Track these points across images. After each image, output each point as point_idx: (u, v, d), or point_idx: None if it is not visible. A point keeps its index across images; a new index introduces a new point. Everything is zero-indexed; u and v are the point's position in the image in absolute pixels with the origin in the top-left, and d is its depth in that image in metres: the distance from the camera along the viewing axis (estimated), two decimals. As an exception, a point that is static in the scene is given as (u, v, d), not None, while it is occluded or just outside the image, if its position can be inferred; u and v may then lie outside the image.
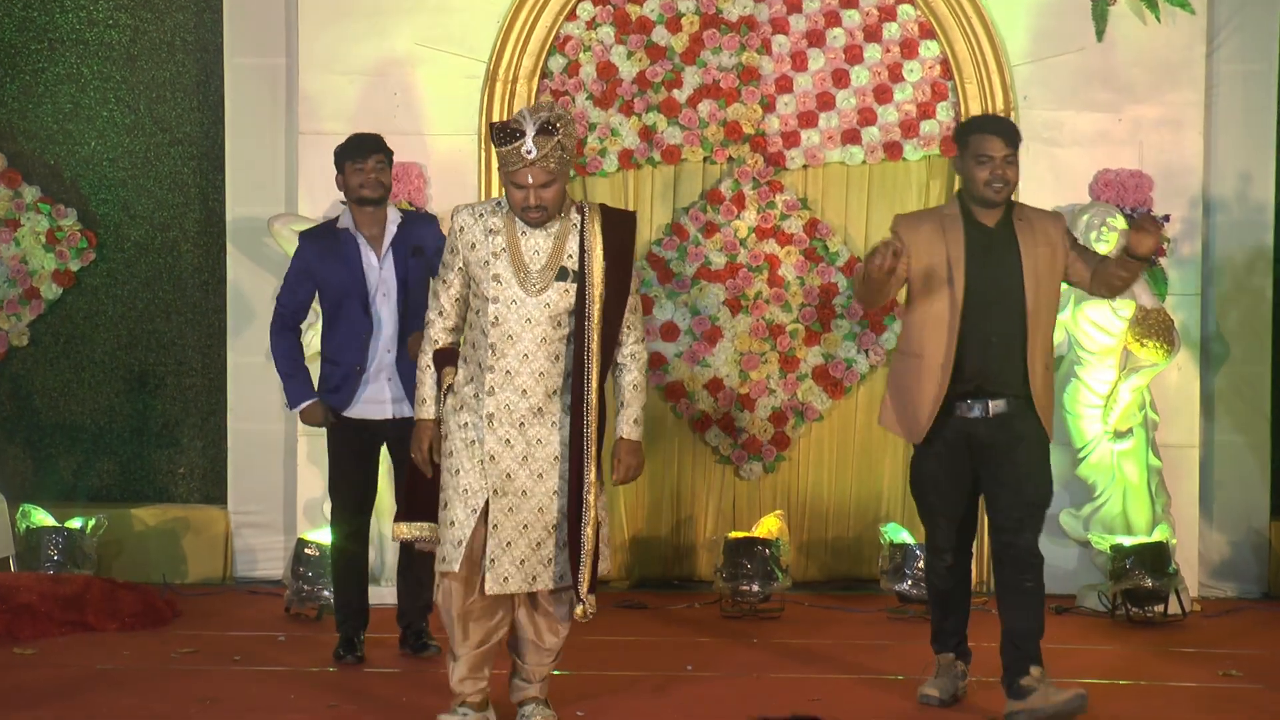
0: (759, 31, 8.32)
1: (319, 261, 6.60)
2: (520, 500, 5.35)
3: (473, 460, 5.35)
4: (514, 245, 5.35)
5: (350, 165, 6.59)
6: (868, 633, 7.43)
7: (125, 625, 7.34)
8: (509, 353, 5.33)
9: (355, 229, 6.60)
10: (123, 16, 8.70)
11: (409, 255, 6.55)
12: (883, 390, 8.35)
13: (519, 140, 5.24)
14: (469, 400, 5.39)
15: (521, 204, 5.31)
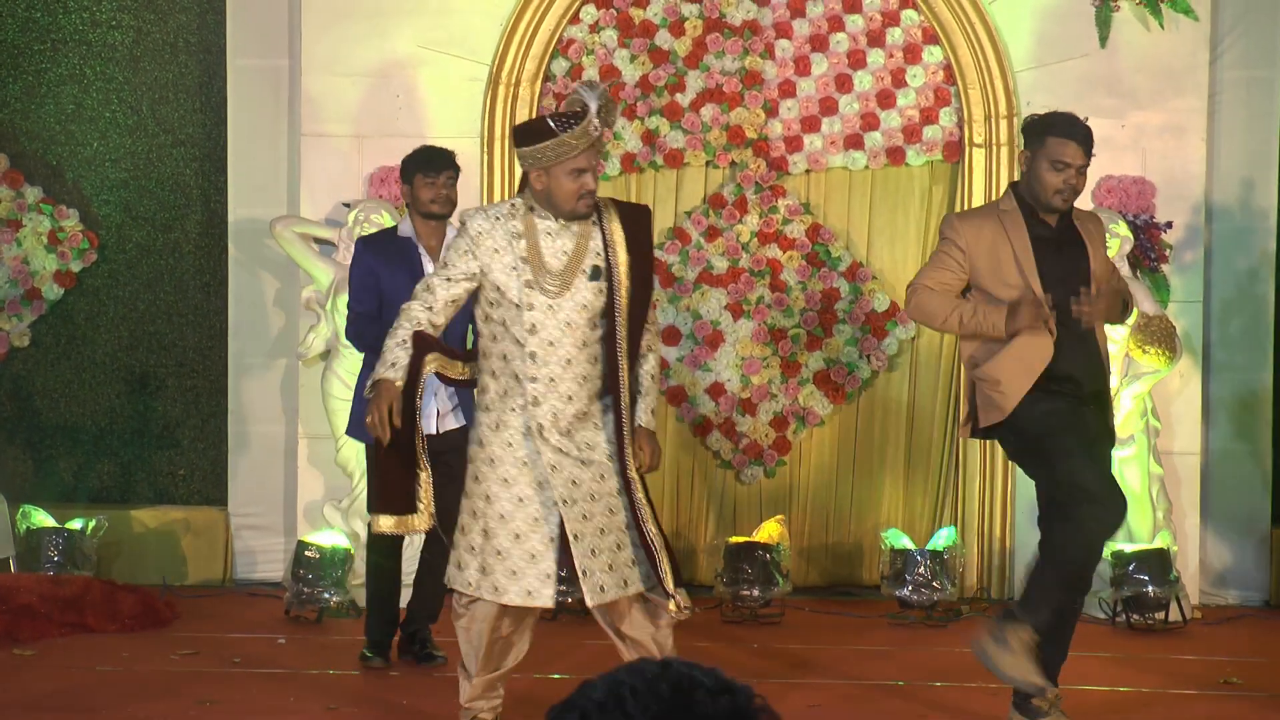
0: (762, 36, 8.34)
1: (379, 264, 6.53)
2: (591, 505, 5.21)
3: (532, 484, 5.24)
4: (535, 250, 5.25)
5: (421, 179, 6.55)
6: (868, 638, 7.44)
7: (125, 627, 7.35)
8: (551, 359, 5.22)
9: (416, 238, 6.58)
10: (126, 18, 8.71)
11: None
12: (884, 395, 8.45)
13: (584, 120, 5.18)
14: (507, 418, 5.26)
15: (579, 192, 5.20)
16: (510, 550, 5.22)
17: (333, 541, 7.72)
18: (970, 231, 5.60)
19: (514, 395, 5.25)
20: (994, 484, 8.24)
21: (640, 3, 8.34)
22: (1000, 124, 8.19)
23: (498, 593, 5.23)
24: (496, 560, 5.23)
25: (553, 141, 5.16)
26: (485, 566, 5.24)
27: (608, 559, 5.21)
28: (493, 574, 5.23)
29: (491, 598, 5.24)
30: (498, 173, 8.22)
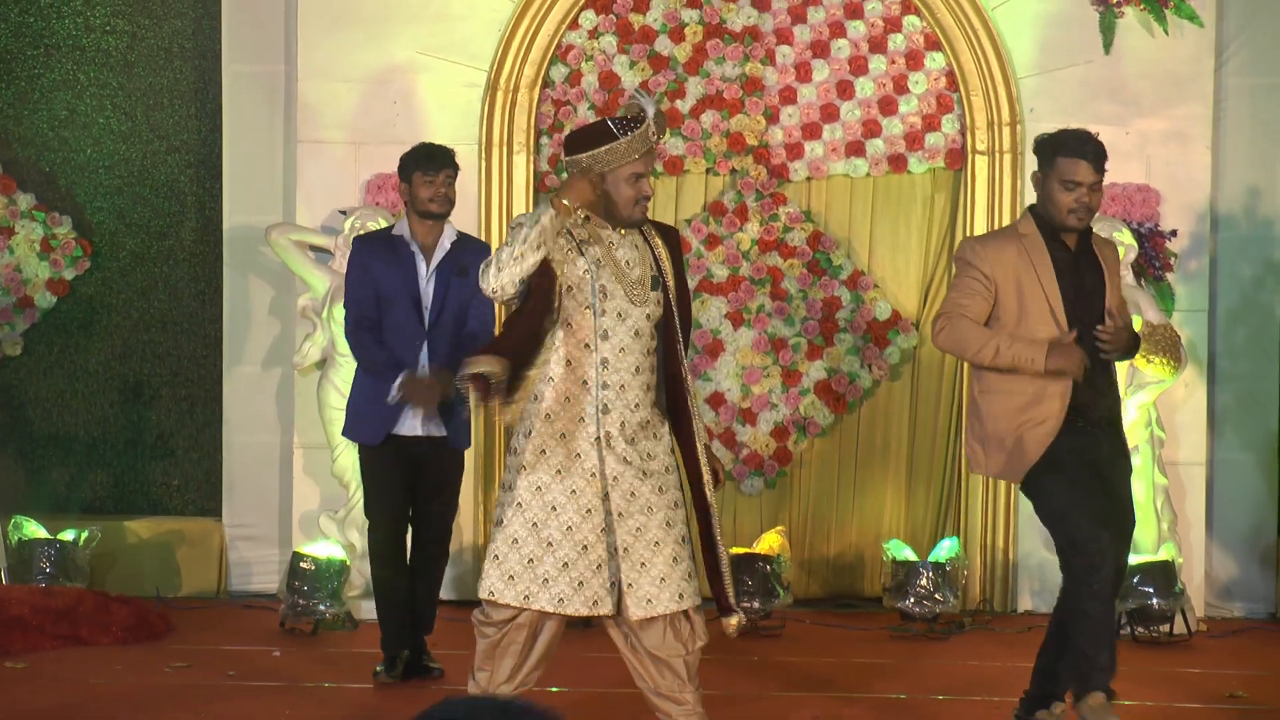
0: (763, 42, 8.34)
1: (374, 261, 6.54)
2: (647, 518, 5.21)
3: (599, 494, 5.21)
4: (610, 256, 5.27)
5: (420, 177, 6.54)
6: (870, 651, 7.43)
7: (118, 639, 7.34)
8: (621, 367, 5.24)
9: (411, 237, 6.58)
10: (120, 23, 8.72)
11: (455, 274, 6.52)
12: (886, 405, 8.43)
13: (643, 124, 5.21)
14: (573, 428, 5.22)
15: (636, 197, 5.23)
16: (577, 561, 5.21)
17: (328, 553, 7.71)
18: (992, 255, 5.57)
19: (579, 402, 5.25)
20: (997, 494, 8.23)
21: (640, 8, 8.34)
22: (1003, 131, 8.19)
23: (561, 604, 5.20)
24: (561, 572, 5.20)
25: (614, 145, 5.20)
26: (547, 577, 5.20)
27: (660, 572, 5.22)
28: (554, 585, 5.20)
29: (554, 609, 5.21)
30: (496, 179, 8.22)
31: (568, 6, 8.28)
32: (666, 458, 5.32)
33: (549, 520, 5.22)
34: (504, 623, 5.29)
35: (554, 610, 5.21)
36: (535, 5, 8.24)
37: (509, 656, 5.31)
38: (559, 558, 5.20)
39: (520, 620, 5.28)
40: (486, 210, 8.19)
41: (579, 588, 5.20)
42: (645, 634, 5.29)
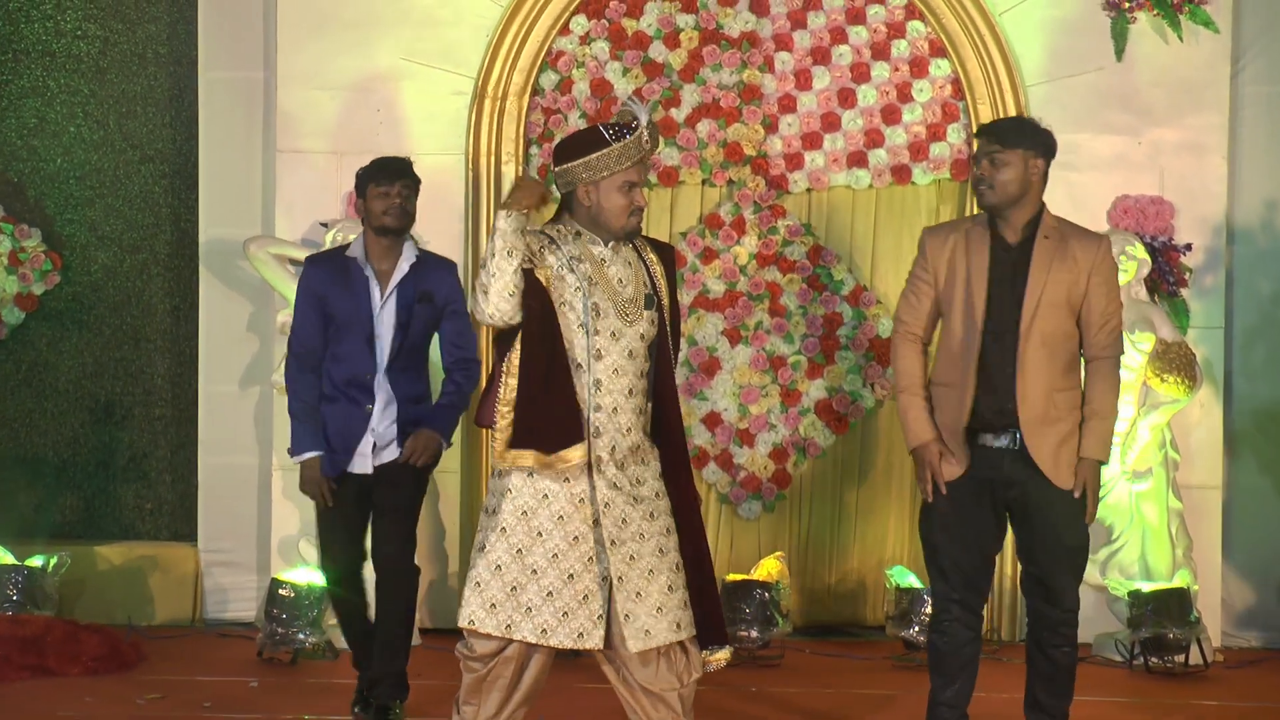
0: (761, 48, 8.31)
1: (325, 287, 6.37)
2: (640, 545, 5.17)
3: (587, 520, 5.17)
4: (601, 273, 5.23)
5: (374, 189, 6.35)
6: (872, 681, 7.40)
7: (88, 669, 7.29)
8: (614, 389, 5.20)
9: (366, 259, 6.38)
10: (92, 27, 8.69)
11: (416, 299, 6.35)
12: (889, 425, 8.38)
13: (636, 131, 5.18)
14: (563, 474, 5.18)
15: (629, 208, 5.21)
16: (562, 590, 5.15)
17: (308, 579, 7.68)
18: (935, 244, 5.72)
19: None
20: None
21: (633, 13, 8.31)
22: (1011, 141, 8.14)
23: (545, 635, 5.14)
24: (545, 601, 5.14)
25: (606, 151, 5.17)
26: (530, 606, 5.14)
27: (656, 602, 5.16)
28: (538, 614, 5.13)
29: (537, 640, 5.14)
30: (484, 190, 8.18)
31: (558, 11, 8.26)
32: (655, 483, 5.26)
33: (534, 546, 5.15)
34: (490, 656, 5.23)
35: (536, 641, 5.15)
36: (525, 10, 8.22)
37: (496, 690, 5.25)
38: (543, 586, 5.14)
39: (508, 653, 5.22)
40: (474, 223, 8.15)
41: (564, 618, 5.13)
42: (638, 667, 5.23)
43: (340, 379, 6.33)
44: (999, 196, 5.60)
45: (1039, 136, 5.68)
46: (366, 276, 6.35)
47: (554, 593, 5.13)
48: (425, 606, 8.18)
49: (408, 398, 6.33)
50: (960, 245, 5.64)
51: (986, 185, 5.60)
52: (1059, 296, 5.57)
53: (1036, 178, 5.64)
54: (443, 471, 8.15)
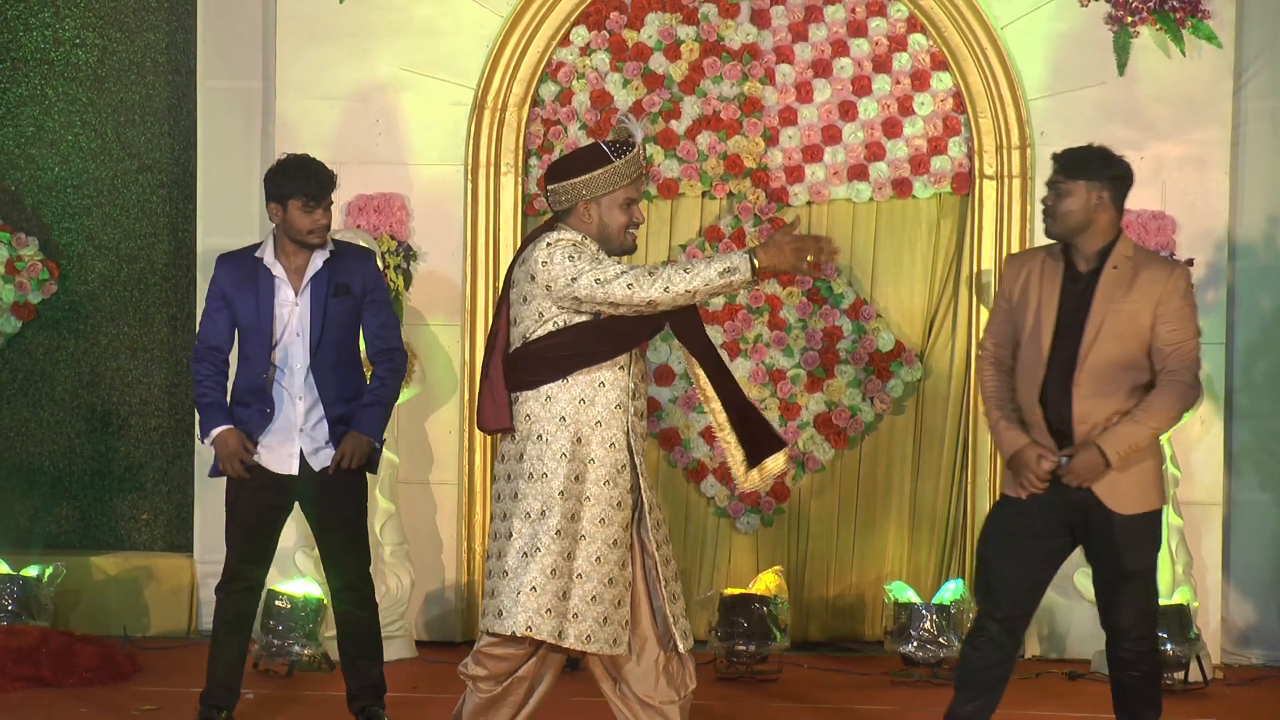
0: (762, 60, 8.34)
1: (233, 288, 6.33)
2: (669, 549, 5.35)
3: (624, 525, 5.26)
4: None
5: (296, 203, 6.28)
6: (870, 697, 7.41)
7: (83, 680, 7.32)
8: (640, 392, 5.38)
9: (275, 258, 6.33)
10: (90, 36, 8.71)
11: (331, 294, 6.32)
12: (888, 440, 8.43)
13: (634, 148, 5.27)
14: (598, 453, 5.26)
15: (629, 224, 5.31)
16: (603, 595, 5.20)
17: (304, 590, 7.69)
18: (1011, 271, 5.82)
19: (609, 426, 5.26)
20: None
21: (634, 24, 8.34)
22: (1012, 155, 8.19)
23: (589, 641, 5.18)
24: (589, 606, 5.18)
25: (609, 169, 5.25)
26: (577, 612, 5.17)
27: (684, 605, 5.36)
28: (583, 620, 5.17)
29: (581, 647, 5.18)
30: (482, 202, 8.21)
31: (559, 22, 8.29)
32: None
33: (577, 550, 5.20)
34: (504, 675, 5.25)
35: (580, 649, 5.17)
36: (525, 21, 8.24)
37: (506, 708, 5.29)
38: (587, 591, 5.18)
39: (522, 673, 5.26)
40: (472, 234, 8.18)
41: (603, 624, 5.18)
42: (637, 681, 5.27)
43: (245, 384, 6.33)
44: (1061, 226, 5.67)
45: (1107, 168, 5.71)
46: (274, 278, 6.30)
47: (596, 597, 5.18)
48: (421, 619, 8.23)
49: (338, 397, 6.31)
50: (1035, 273, 5.71)
51: (1049, 214, 5.69)
52: (1121, 326, 5.59)
53: (1103, 209, 5.67)
54: (440, 483, 8.23)
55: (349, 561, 6.43)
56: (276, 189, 6.32)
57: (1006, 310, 5.78)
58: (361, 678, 6.47)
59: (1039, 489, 5.62)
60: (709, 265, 5.09)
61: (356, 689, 6.49)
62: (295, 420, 6.31)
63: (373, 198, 8.12)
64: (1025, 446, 5.63)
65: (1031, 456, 5.61)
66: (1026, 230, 8.16)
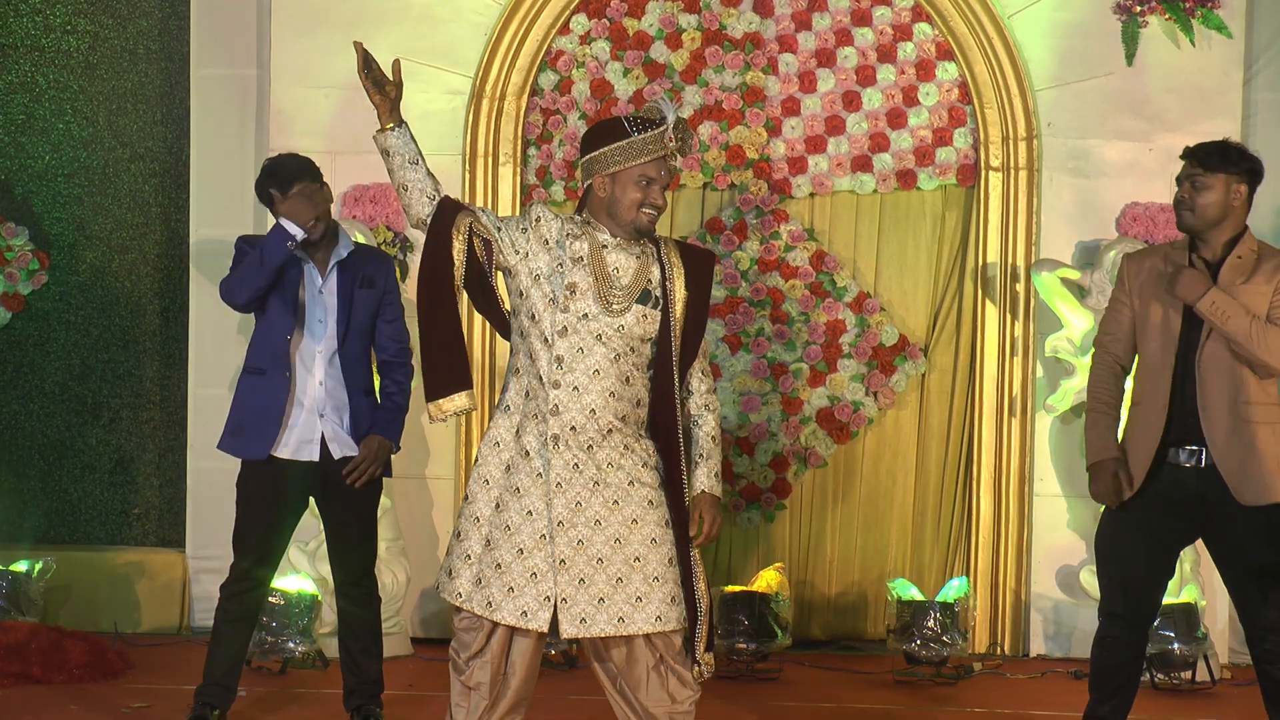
0: (765, 50, 8.36)
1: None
2: (592, 531, 5.17)
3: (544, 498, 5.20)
4: (597, 257, 5.26)
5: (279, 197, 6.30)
6: (873, 696, 7.43)
7: (73, 677, 7.30)
8: (578, 367, 5.21)
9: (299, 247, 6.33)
10: (82, 22, 8.72)
11: (357, 284, 6.36)
12: (892, 435, 8.44)
13: (660, 127, 5.23)
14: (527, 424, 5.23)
15: (641, 202, 5.23)
16: (511, 565, 5.18)
17: (298, 587, 7.70)
18: (1132, 268, 5.89)
19: (536, 398, 5.25)
20: (1008, 532, 8.23)
21: (635, 13, 8.35)
22: (1019, 146, 8.20)
23: (490, 608, 5.17)
24: (495, 573, 5.18)
25: (625, 142, 5.22)
26: (481, 578, 5.20)
27: (599, 591, 5.15)
28: (488, 587, 5.18)
29: (483, 613, 5.17)
30: (480, 191, 8.22)
31: (558, 10, 8.30)
32: (638, 471, 5.23)
33: (493, 517, 5.22)
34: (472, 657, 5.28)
35: (483, 613, 5.17)
36: (524, 8, 8.26)
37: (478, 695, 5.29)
38: (495, 558, 5.18)
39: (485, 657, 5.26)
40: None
41: (509, 593, 5.15)
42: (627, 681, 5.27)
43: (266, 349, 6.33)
44: (1198, 220, 5.75)
45: (1244, 162, 5.83)
46: (301, 260, 6.33)
47: (503, 566, 5.16)
48: (417, 616, 8.24)
49: (358, 387, 6.35)
50: (1158, 268, 5.79)
51: (1187, 208, 5.76)
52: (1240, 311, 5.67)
53: (1239, 203, 5.79)
54: (436, 478, 8.24)
55: (357, 557, 6.45)
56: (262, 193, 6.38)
57: (1126, 305, 5.86)
58: (360, 675, 6.48)
59: (1111, 504, 5.76)
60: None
61: (354, 686, 6.50)
62: (317, 402, 6.33)
63: (369, 188, 8.13)
64: (1106, 460, 5.79)
65: (1107, 474, 5.76)
66: (1032, 223, 8.17)
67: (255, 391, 6.37)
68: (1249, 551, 5.69)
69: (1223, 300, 5.61)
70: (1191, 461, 5.71)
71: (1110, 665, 5.85)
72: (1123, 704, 5.88)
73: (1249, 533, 5.68)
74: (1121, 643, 5.83)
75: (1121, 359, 5.89)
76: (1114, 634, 5.83)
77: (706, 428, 5.35)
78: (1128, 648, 5.84)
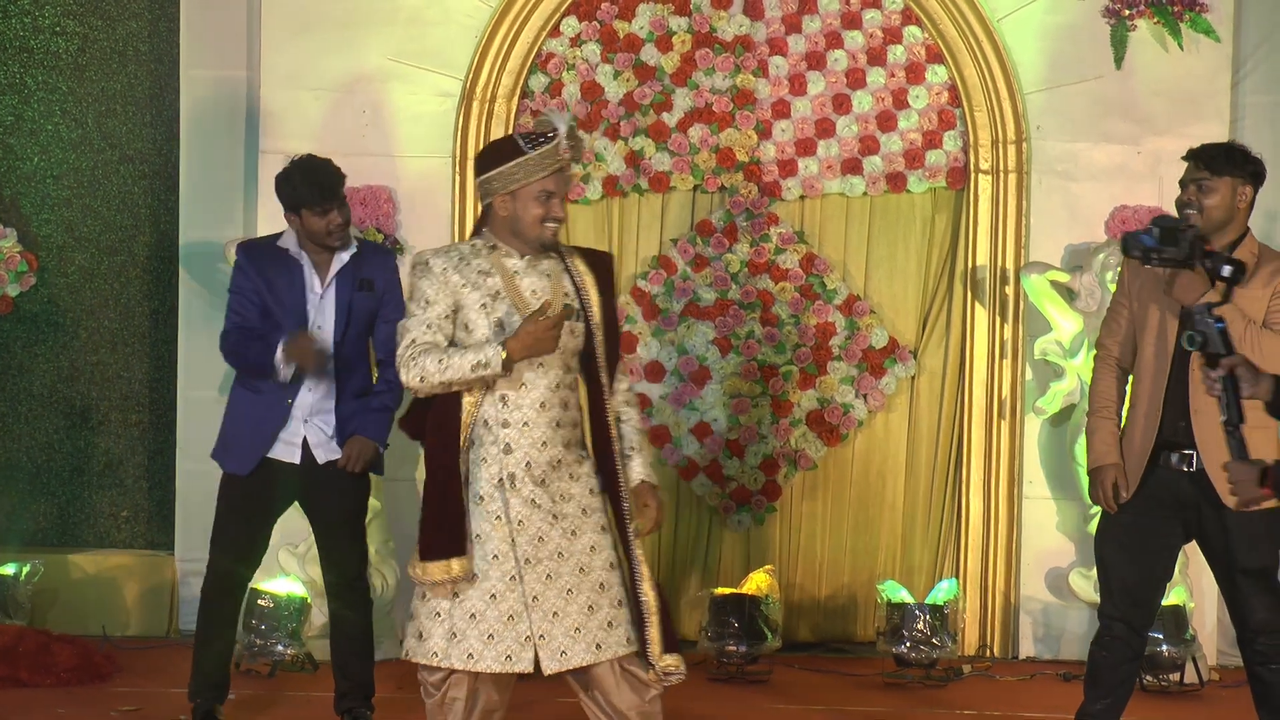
0: (755, 52, 8.36)
1: (267, 270, 6.38)
2: (558, 564, 5.21)
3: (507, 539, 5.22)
4: (512, 285, 5.28)
5: (309, 210, 6.34)
6: (862, 698, 7.44)
7: (61, 681, 7.32)
8: (523, 403, 5.24)
9: (299, 249, 6.41)
10: (71, 23, 8.71)
11: (356, 288, 6.39)
12: (882, 438, 8.46)
13: (553, 140, 5.25)
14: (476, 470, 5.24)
15: (544, 218, 5.26)
16: (485, 612, 5.19)
17: (288, 589, 7.70)
18: (1132, 270, 5.87)
19: (483, 443, 5.25)
20: (997, 534, 8.25)
21: (625, 15, 8.36)
22: (1008, 149, 8.22)
23: (471, 660, 5.19)
24: (469, 624, 5.20)
25: (521, 160, 5.23)
26: (455, 632, 5.20)
27: (574, 621, 5.20)
28: (465, 640, 5.19)
29: (464, 666, 5.20)
30: (469, 195, 8.21)
31: (549, 13, 8.31)
32: (586, 498, 5.30)
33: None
34: (440, 682, 5.30)
35: (463, 667, 5.19)
36: (514, 11, 8.26)
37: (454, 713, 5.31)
38: (467, 609, 5.20)
39: (455, 677, 5.28)
40: (461, 227, 8.19)
41: (489, 641, 5.18)
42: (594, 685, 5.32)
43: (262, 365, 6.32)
44: (1204, 222, 5.75)
45: (1249, 164, 5.85)
46: (302, 265, 6.37)
47: (477, 615, 5.18)
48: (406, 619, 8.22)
49: (352, 393, 6.37)
50: (1157, 271, 5.73)
51: (1194, 210, 5.75)
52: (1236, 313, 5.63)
53: (1244, 205, 5.83)
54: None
55: (348, 559, 6.46)
56: (287, 199, 6.39)
57: (1127, 309, 5.87)
58: (352, 679, 6.49)
59: (1111, 509, 5.78)
60: (463, 357, 5.16)
61: (346, 689, 6.51)
62: (304, 408, 6.35)
63: (359, 190, 8.12)
64: (1106, 466, 5.80)
65: (1107, 480, 5.78)
66: (1022, 225, 8.19)
67: (250, 406, 6.39)
68: (1240, 555, 5.72)
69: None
70: (1184, 465, 5.73)
71: (1107, 666, 5.87)
72: (1116, 705, 5.91)
73: (1240, 536, 5.71)
74: (1120, 644, 5.86)
75: (1122, 361, 5.90)
76: (1114, 634, 5.85)
77: (633, 422, 5.46)
78: (1126, 649, 5.86)
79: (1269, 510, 5.69)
